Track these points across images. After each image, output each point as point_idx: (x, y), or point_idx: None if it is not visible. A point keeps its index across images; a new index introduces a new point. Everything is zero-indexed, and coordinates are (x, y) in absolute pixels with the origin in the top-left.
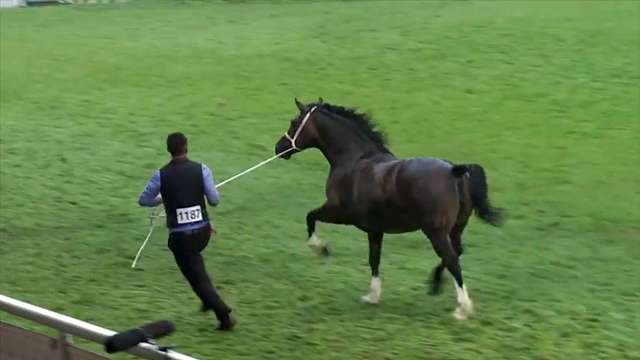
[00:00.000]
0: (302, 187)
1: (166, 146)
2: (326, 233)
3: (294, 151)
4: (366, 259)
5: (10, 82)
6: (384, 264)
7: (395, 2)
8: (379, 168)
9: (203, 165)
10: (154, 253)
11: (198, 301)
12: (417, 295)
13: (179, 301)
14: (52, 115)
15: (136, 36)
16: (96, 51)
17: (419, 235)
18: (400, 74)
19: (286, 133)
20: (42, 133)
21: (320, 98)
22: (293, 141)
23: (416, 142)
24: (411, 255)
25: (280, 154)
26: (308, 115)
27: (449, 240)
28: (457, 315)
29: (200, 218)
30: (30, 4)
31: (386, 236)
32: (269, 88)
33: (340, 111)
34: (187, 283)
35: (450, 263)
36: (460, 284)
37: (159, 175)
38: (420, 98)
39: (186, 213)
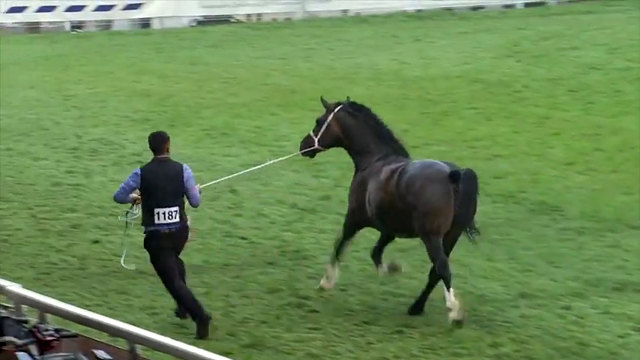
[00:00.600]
0: (495, 222)
1: (148, 145)
2: (517, 272)
3: (318, 150)
4: (564, 302)
5: (178, 107)
6: (584, 308)
7: (599, 16)
8: (385, 170)
9: (185, 166)
10: (330, 294)
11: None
12: (623, 343)
13: (356, 346)
14: (222, 143)
15: (312, 56)
16: (269, 73)
17: (627, 276)
18: (605, 97)
19: (311, 131)
20: (211, 162)
21: (347, 97)
22: (316, 140)
23: (621, 171)
24: (616, 298)
25: (302, 152)
26: (332, 114)
27: (441, 245)
28: (454, 315)
29: (177, 219)
30: (201, 23)
31: (576, 275)
32: (457, 112)
33: (364, 111)
34: (365, 326)
35: (440, 268)
36: (448, 288)
37: (139, 173)
38: (627, 123)
39: (164, 213)
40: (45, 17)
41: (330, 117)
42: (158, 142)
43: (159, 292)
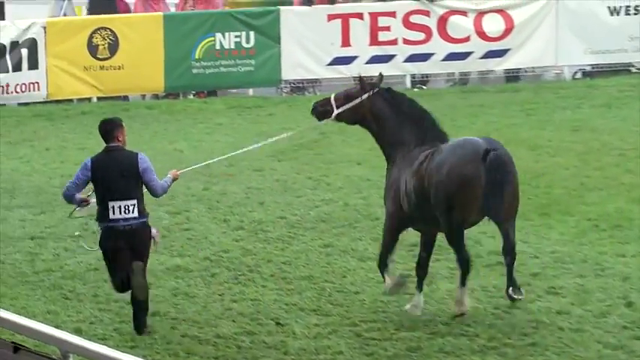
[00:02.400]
0: None
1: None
2: None
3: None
4: None
5: (554, 189)
6: None
7: None
8: (420, 155)
9: (140, 155)
10: None
11: None
12: None
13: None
14: (615, 238)
15: None
16: None
17: None
18: None
19: (332, 96)
20: (596, 263)
21: (380, 74)
22: (336, 112)
23: None
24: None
25: (316, 115)
26: (367, 94)
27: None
28: (461, 309)
29: (135, 214)
30: (588, 74)
31: None
32: None
33: (400, 98)
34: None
35: (461, 262)
36: (464, 284)
37: (89, 164)
38: None
39: (119, 207)
40: (380, 70)
41: (364, 97)
42: (109, 129)
43: None
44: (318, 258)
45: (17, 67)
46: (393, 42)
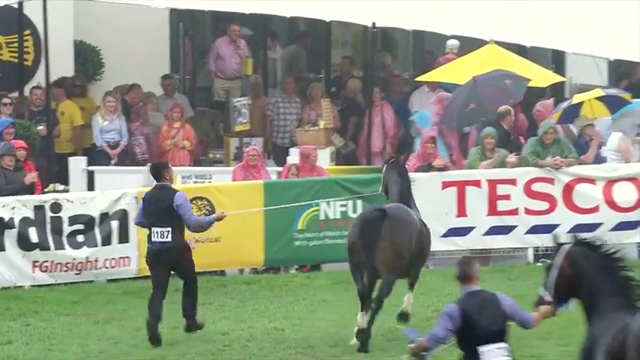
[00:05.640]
0: None
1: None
2: None
3: None
4: None
5: None
6: None
7: None
8: None
9: (178, 192)
10: None
11: None
12: None
13: None
14: None
15: None
16: None
17: None
18: None
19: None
20: None
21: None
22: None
23: None
24: None
25: None
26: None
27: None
28: None
29: (169, 239)
30: None
31: None
32: None
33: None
34: None
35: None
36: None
37: (144, 197)
38: None
39: (157, 232)
40: (497, 242)
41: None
42: (156, 170)
43: None
44: None
45: (107, 241)
46: (514, 212)
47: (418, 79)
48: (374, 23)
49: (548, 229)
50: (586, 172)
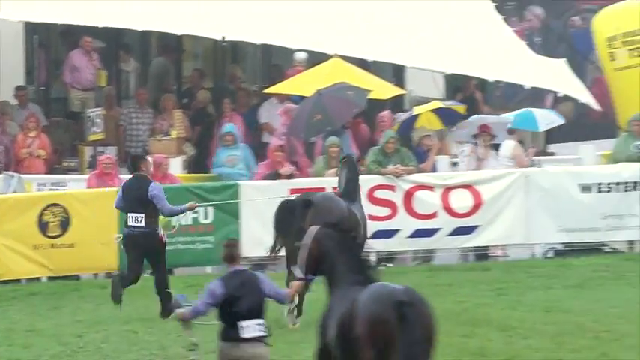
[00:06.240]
0: None
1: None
2: None
3: None
4: None
5: None
6: None
7: None
8: None
9: (153, 184)
10: None
11: None
12: None
13: None
14: None
15: None
16: None
17: None
18: None
19: None
20: None
21: None
22: None
23: None
24: None
25: None
26: None
27: None
28: None
29: (143, 224)
30: (560, 253)
31: None
32: None
33: None
34: None
35: None
36: None
37: (123, 185)
38: None
39: (132, 217)
40: None
41: None
42: (134, 161)
43: None
44: None
45: None
46: None
47: (266, 90)
48: (224, 37)
49: (389, 234)
50: (425, 179)
